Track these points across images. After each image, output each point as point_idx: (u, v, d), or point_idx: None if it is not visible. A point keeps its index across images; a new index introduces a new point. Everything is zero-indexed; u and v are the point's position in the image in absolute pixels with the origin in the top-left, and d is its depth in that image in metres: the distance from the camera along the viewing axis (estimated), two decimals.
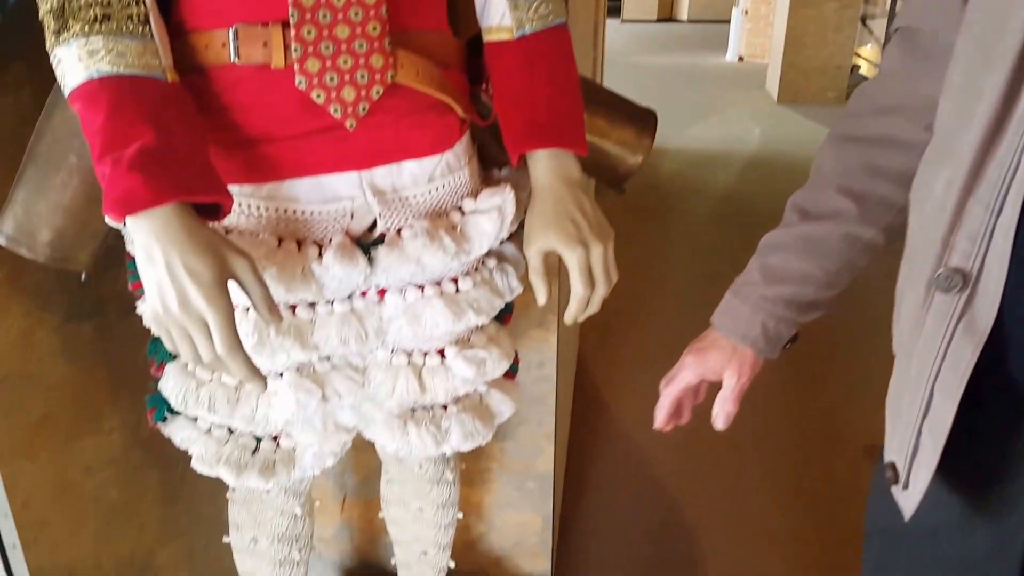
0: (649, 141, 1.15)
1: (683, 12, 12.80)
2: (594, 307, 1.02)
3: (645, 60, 9.48)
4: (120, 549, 1.30)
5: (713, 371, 0.96)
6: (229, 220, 0.96)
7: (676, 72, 8.78)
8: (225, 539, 1.29)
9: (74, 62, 0.82)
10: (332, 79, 0.91)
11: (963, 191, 0.66)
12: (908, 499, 0.74)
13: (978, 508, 0.75)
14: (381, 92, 0.93)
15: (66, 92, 0.84)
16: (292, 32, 0.88)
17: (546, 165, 1.02)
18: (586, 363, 2.82)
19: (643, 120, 1.16)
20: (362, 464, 1.67)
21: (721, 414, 0.96)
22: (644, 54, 9.91)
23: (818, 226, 0.88)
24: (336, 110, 0.92)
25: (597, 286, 1.01)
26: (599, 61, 4.67)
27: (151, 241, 0.80)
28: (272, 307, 0.85)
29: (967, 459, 0.72)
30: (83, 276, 1.06)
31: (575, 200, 1.01)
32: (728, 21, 9.60)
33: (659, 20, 12.89)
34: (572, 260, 0.99)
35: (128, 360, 1.28)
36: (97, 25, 0.82)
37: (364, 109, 0.93)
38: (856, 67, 7.44)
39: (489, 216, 1.03)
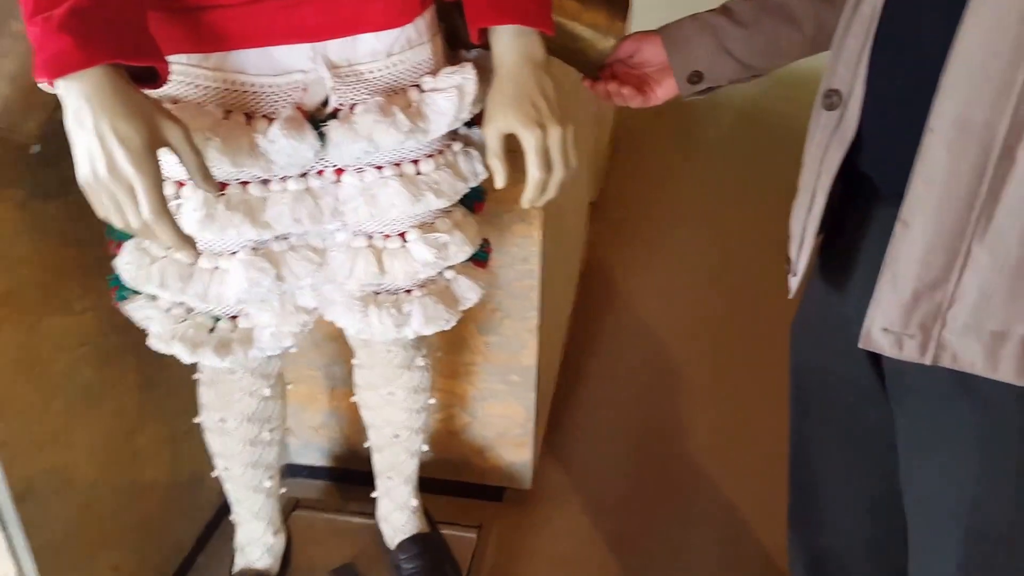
0: (621, 24, 1.09)
1: None
2: (551, 192, 0.99)
3: None
4: (95, 428, 1.33)
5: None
6: (174, 90, 0.94)
7: None
8: (195, 420, 1.30)
9: None
10: None
11: (845, 24, 0.79)
12: (795, 283, 0.92)
13: (845, 286, 0.88)
14: None
15: None
16: None
17: (508, 43, 0.97)
18: (596, 257, 2.79)
19: (616, 2, 1.10)
20: (350, 355, 1.69)
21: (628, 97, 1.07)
22: None
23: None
24: None
25: (554, 170, 0.97)
26: None
27: (81, 104, 0.77)
28: (207, 176, 0.83)
29: (838, 236, 0.88)
30: (32, 148, 1.05)
31: (537, 81, 0.97)
32: None
33: None
34: (529, 141, 0.95)
35: (100, 244, 1.27)
36: None
37: None
38: None
39: (447, 95, 0.99)
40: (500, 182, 0.99)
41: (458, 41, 1.10)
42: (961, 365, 0.74)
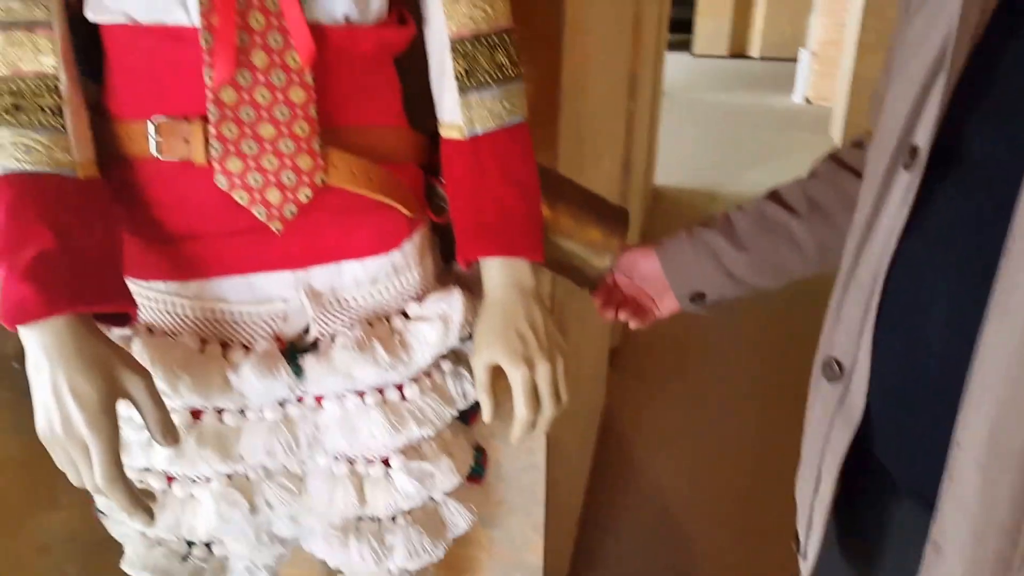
0: (618, 242, 1.06)
1: (754, 48, 12.57)
2: (541, 429, 0.93)
3: (711, 97, 9.32)
4: None
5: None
6: (151, 318, 0.91)
7: (740, 110, 8.60)
8: None
9: None
10: (256, 180, 0.85)
11: (841, 287, 0.73)
12: (806, 568, 0.82)
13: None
14: (310, 195, 0.87)
15: None
16: (212, 130, 0.83)
17: (497, 272, 0.94)
18: (615, 412, 2.70)
19: (613, 219, 1.07)
20: None
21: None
22: (711, 90, 9.75)
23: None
24: (260, 212, 0.86)
25: (543, 408, 0.92)
26: (657, 96, 4.59)
27: (40, 355, 0.76)
28: (166, 431, 0.79)
29: (852, 533, 0.79)
30: (14, 364, 1.02)
31: (525, 311, 0.93)
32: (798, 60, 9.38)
33: (730, 56, 12.69)
34: (516, 378, 0.91)
35: None
36: (6, 116, 0.78)
37: (291, 212, 0.87)
38: None
39: (433, 324, 0.96)
40: (488, 417, 0.94)
41: (452, 252, 1.08)
42: None
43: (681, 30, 12.36)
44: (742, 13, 12.58)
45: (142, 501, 0.79)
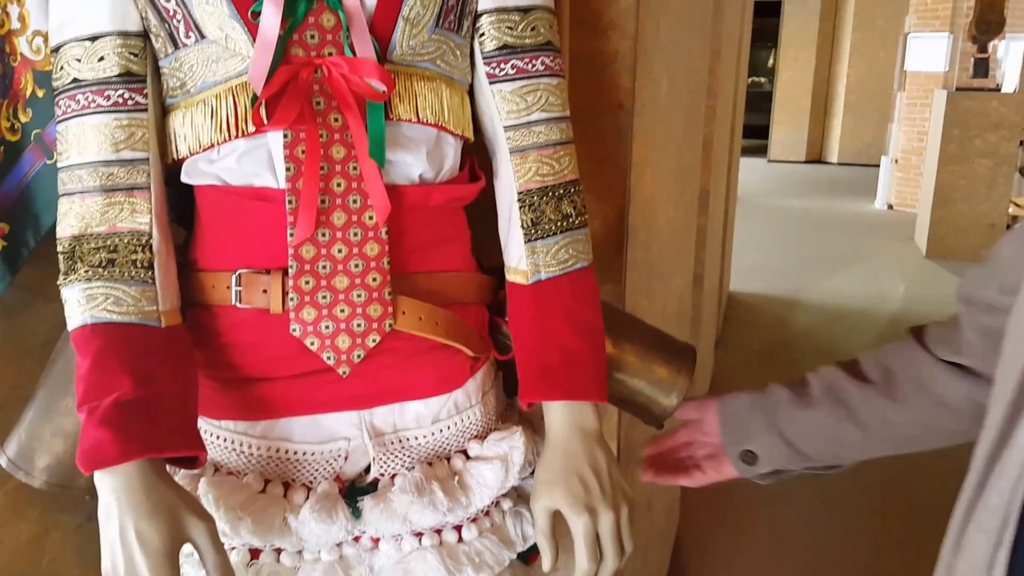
0: (685, 380, 1.05)
1: (832, 154, 12.54)
2: None
3: (789, 203, 9.25)
4: None
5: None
6: (219, 456, 0.94)
7: (820, 216, 8.51)
8: None
9: (74, 305, 0.85)
10: (327, 327, 0.88)
11: (966, 508, 0.61)
12: None
13: None
14: (378, 340, 0.90)
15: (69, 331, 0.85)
16: (290, 282, 0.87)
17: (559, 414, 0.94)
18: (686, 541, 2.61)
19: (679, 357, 1.07)
20: None
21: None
22: (789, 196, 9.70)
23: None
24: (330, 357, 0.89)
25: (606, 559, 0.90)
26: (731, 205, 4.60)
27: (110, 499, 0.79)
28: (225, 573, 0.81)
29: None
30: (87, 499, 1.06)
31: (588, 455, 0.92)
32: (879, 165, 9.30)
33: (807, 161, 12.67)
34: (577, 527, 0.90)
35: None
36: (100, 270, 0.84)
37: (359, 356, 0.90)
38: (1016, 218, 6.98)
39: (492, 466, 0.96)
40: (548, 565, 0.93)
41: (516, 388, 1.09)
42: None
43: (756, 135, 12.45)
44: (817, 122, 12.61)
45: None
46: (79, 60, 0.84)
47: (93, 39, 0.84)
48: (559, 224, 0.95)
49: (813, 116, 12.57)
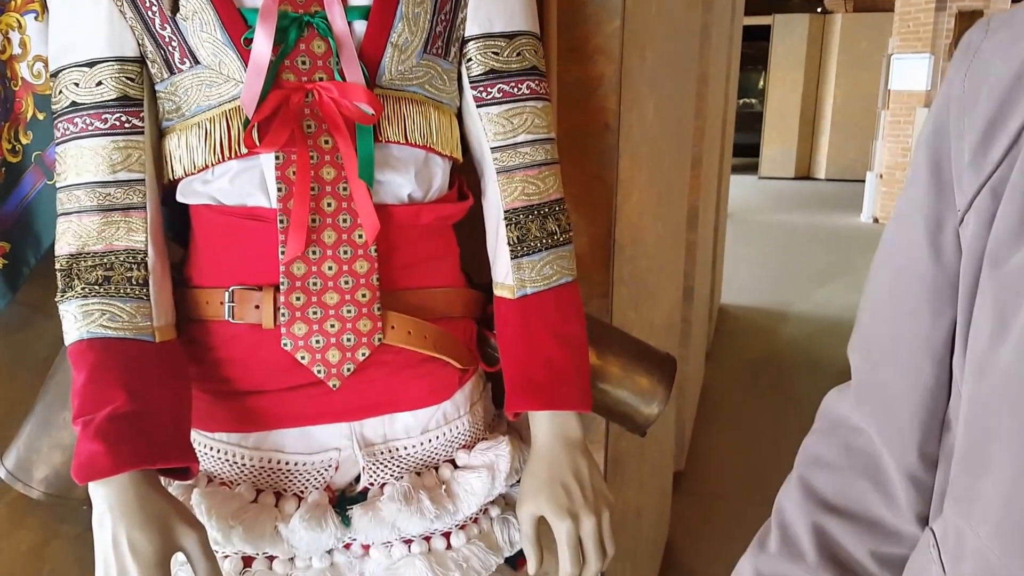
0: (666, 390, 1.09)
1: (820, 171, 12.66)
2: None
3: (778, 218, 9.34)
4: None
5: None
6: (212, 467, 0.97)
7: (809, 230, 8.60)
8: None
9: (71, 321, 0.87)
10: (318, 342, 0.91)
11: None
12: None
13: None
14: (367, 354, 0.93)
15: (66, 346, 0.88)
16: (282, 298, 0.90)
17: (544, 424, 0.97)
18: (679, 537, 2.63)
19: (660, 368, 1.10)
20: None
21: None
22: (778, 211, 9.79)
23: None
24: (320, 370, 0.92)
25: (588, 562, 0.93)
26: (721, 220, 4.64)
27: (104, 509, 0.82)
28: None
29: None
30: (84, 507, 1.08)
31: (571, 464, 0.95)
32: (864, 180, 9.41)
33: (796, 178, 12.77)
34: (560, 532, 0.93)
35: None
36: (96, 287, 0.87)
37: (349, 370, 0.93)
38: None
39: (479, 474, 0.99)
40: (533, 569, 0.96)
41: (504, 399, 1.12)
42: None
43: (748, 154, 12.58)
44: (806, 140, 12.74)
45: None
46: (77, 84, 0.87)
47: (91, 64, 0.87)
48: (544, 241, 0.98)
49: (801, 134, 12.72)
